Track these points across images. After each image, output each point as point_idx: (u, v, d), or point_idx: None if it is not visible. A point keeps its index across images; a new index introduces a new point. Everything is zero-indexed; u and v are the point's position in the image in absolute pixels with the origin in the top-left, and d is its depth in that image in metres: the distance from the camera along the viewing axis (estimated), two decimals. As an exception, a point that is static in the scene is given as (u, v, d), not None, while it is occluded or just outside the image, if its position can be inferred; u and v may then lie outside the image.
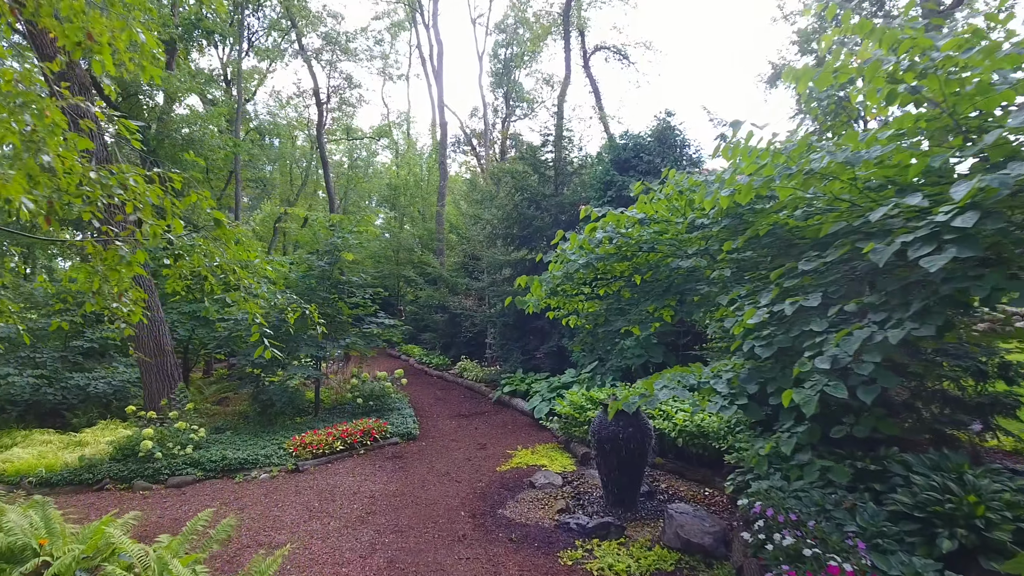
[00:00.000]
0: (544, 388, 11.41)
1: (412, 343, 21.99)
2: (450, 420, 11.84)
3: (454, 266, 19.78)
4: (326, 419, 11.24)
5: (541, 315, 14.11)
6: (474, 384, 14.89)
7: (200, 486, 8.37)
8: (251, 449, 9.35)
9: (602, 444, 7.03)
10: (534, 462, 8.79)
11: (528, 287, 6.40)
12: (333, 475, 8.60)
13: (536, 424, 11.07)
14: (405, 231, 27.18)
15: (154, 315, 11.61)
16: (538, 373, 13.23)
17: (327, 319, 11.85)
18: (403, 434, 10.38)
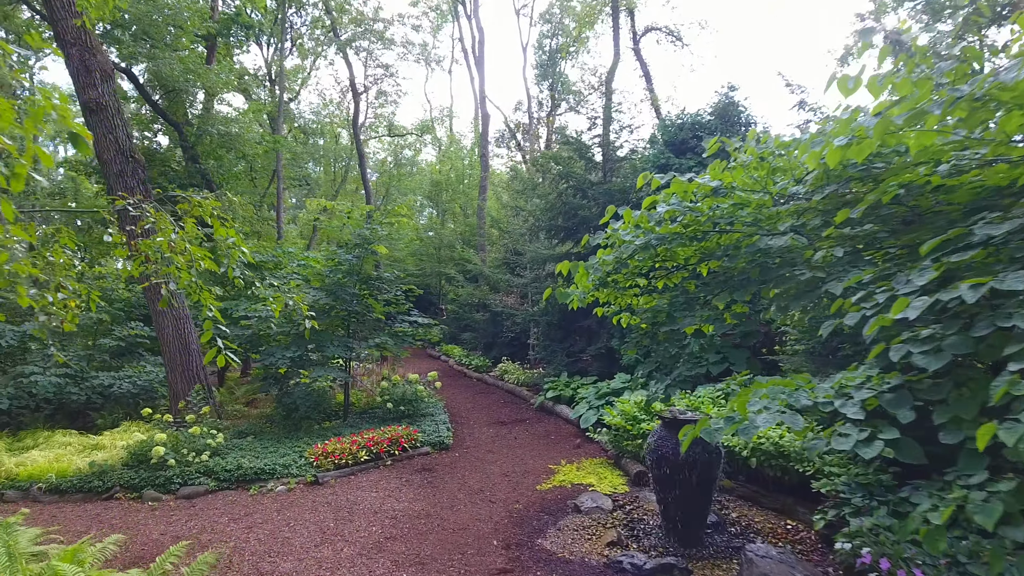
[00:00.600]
0: (591, 394, 10.31)
1: (453, 343, 21.15)
2: (487, 428, 10.86)
3: (495, 262, 18.84)
4: (355, 424, 10.42)
5: (588, 313, 12.99)
6: (515, 388, 13.89)
7: (212, 498, 7.62)
8: (270, 458, 8.57)
9: (661, 464, 5.93)
10: (580, 480, 7.71)
11: (571, 276, 5.33)
12: (354, 489, 7.72)
13: (582, 435, 9.98)
14: (447, 228, 26.41)
15: (179, 312, 11.04)
16: (584, 377, 12.13)
17: (356, 317, 11.05)
18: (435, 443, 9.45)
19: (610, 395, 9.99)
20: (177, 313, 11.02)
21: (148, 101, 17.80)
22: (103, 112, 10.20)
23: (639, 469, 7.60)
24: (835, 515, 5.51)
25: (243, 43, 22.08)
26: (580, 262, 4.90)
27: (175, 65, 16.38)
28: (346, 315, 10.85)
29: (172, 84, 17.14)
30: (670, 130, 12.00)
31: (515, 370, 14.75)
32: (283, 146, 22.09)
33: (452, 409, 12.41)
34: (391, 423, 10.37)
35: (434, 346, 23.02)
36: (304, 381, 10.20)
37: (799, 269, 3.72)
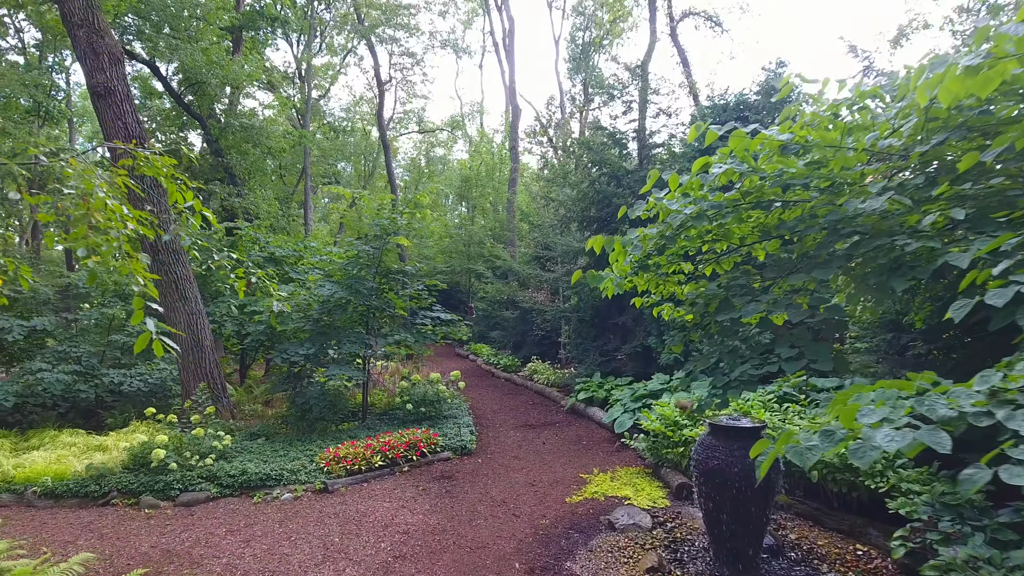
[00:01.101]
0: (627, 396, 9.48)
1: (482, 342, 20.47)
2: (514, 431, 10.10)
3: (525, 258, 18.08)
4: (373, 427, 9.79)
5: (623, 309, 12.15)
6: (545, 388, 13.11)
7: (212, 506, 7.03)
8: (278, 462, 7.97)
9: (708, 477, 5.10)
10: (614, 492, 6.90)
11: (603, 259, 4.55)
12: (366, 498, 7.05)
13: (616, 440, 9.15)
14: (477, 224, 25.77)
15: (192, 307, 10.57)
16: (619, 377, 11.29)
17: (376, 313, 10.42)
18: (456, 448, 8.73)
19: (647, 397, 9.14)
20: (190, 307, 10.55)
21: (171, 93, 17.57)
22: (111, 97, 9.77)
23: (681, 481, 6.75)
24: (919, 542, 4.61)
25: (269, 36, 21.80)
26: (616, 237, 4.11)
27: (197, 56, 16.05)
28: (365, 310, 10.23)
29: (195, 76, 16.83)
30: (711, 112, 11.07)
31: (545, 370, 13.97)
32: (309, 141, 21.74)
33: (477, 411, 11.70)
34: (411, 425, 9.70)
35: (462, 345, 22.39)
36: (320, 380, 9.60)
37: (901, 238, 2.87)
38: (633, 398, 9.27)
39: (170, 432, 8.20)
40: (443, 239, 27.75)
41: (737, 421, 5.39)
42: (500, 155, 29.52)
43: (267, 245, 14.35)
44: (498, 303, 18.86)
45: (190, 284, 10.65)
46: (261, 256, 13.70)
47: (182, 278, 10.53)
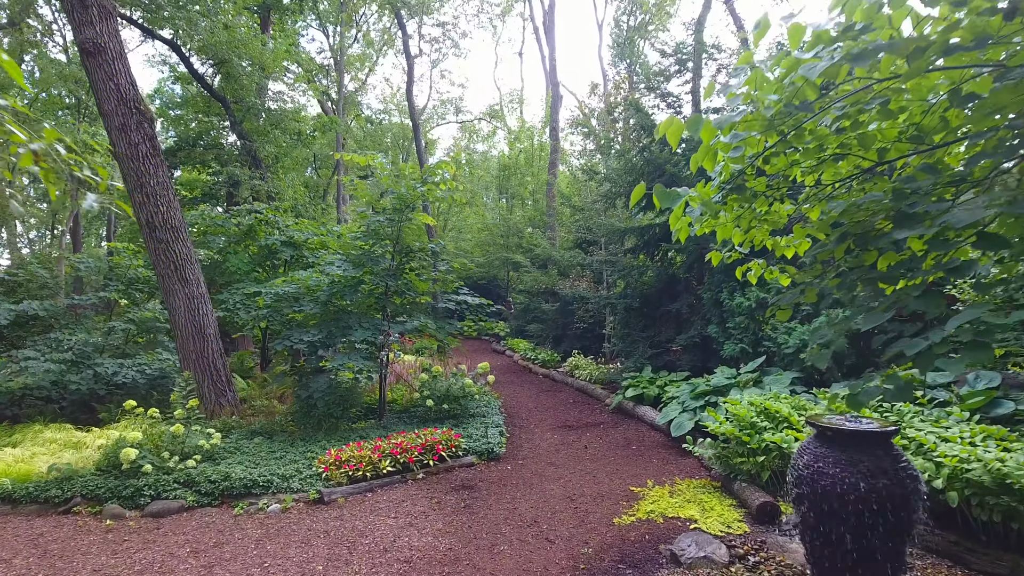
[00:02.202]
0: (684, 394, 7.97)
1: (519, 337, 19.11)
2: (551, 433, 8.69)
3: (566, 244, 16.66)
4: (391, 426, 8.55)
5: (676, 294, 10.61)
6: (587, 385, 11.66)
7: (184, 517, 5.85)
8: (271, 465, 6.78)
9: (818, 499, 3.65)
10: (676, 512, 5.43)
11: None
12: (367, 512, 5.77)
13: (673, 445, 7.67)
14: (515, 214, 24.43)
15: (193, 290, 9.52)
16: (673, 372, 9.76)
17: (396, 294, 9.18)
18: (481, 452, 7.39)
19: (711, 394, 7.61)
20: (191, 290, 9.51)
21: (192, 72, 16.79)
22: (102, 55, 8.78)
23: (763, 500, 5.23)
24: None
25: (298, 16, 20.93)
26: (703, 117, 2.66)
27: (218, 32, 15.18)
28: (381, 293, 8.99)
29: (216, 53, 15.96)
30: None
31: (587, 365, 12.52)
32: (339, 127, 20.79)
33: (510, 409, 10.33)
34: (433, 425, 8.42)
35: (499, 340, 21.10)
36: (327, 367, 8.39)
37: None
38: (693, 395, 7.75)
39: (150, 428, 7.10)
40: (480, 232, 26.55)
41: (857, 422, 3.87)
42: (540, 145, 28.12)
43: (286, 228, 13.30)
44: (536, 294, 17.48)
45: (191, 265, 9.60)
46: (278, 240, 12.65)
47: (182, 258, 9.49)
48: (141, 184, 9.22)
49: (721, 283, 9.15)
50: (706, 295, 9.43)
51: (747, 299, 8.39)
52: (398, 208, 8.75)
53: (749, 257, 4.23)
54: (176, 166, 19.71)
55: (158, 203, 9.36)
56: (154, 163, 9.33)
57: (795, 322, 7.93)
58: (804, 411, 6.09)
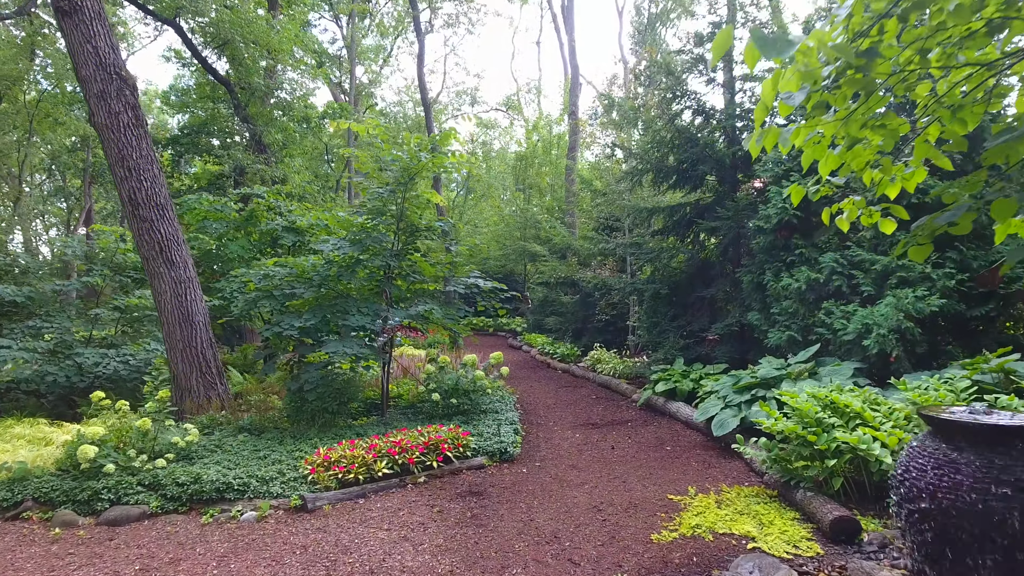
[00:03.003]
0: (725, 387, 6.97)
1: (537, 331, 18.15)
2: (572, 432, 7.73)
3: (587, 230, 15.69)
4: (394, 422, 7.67)
5: (710, 279, 9.61)
6: (610, 380, 10.68)
7: (144, 526, 5.00)
8: (252, 466, 5.91)
9: (946, 521, 2.65)
10: (727, 526, 4.46)
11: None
12: (356, 522, 4.87)
13: (714, 445, 6.68)
14: (532, 204, 23.47)
15: (180, 273, 8.73)
16: (709, 365, 8.76)
17: (398, 279, 8.29)
18: (493, 452, 6.45)
19: (757, 387, 6.60)
20: (178, 274, 8.71)
21: (194, 53, 16.07)
22: (78, 15, 8.02)
23: (838, 514, 4.22)
24: None
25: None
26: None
27: (221, 12, 14.45)
28: (383, 276, 8.10)
29: (220, 34, 15.24)
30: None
31: (610, 359, 11.53)
32: (349, 114, 20.00)
33: (526, 405, 9.39)
34: (440, 421, 7.52)
35: (515, 336, 20.17)
36: (321, 359, 7.51)
37: None
38: (736, 389, 6.75)
39: (119, 424, 6.28)
40: (496, 225, 25.65)
41: (992, 416, 2.88)
42: (558, 135, 27.14)
43: (288, 213, 12.50)
44: (555, 286, 16.52)
45: (178, 246, 8.80)
46: (279, 226, 11.84)
47: (168, 238, 8.69)
48: (123, 157, 8.44)
49: (764, 264, 8.13)
50: (745, 278, 8.41)
51: (796, 280, 7.37)
52: (400, 181, 7.85)
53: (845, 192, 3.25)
54: (181, 155, 19.09)
55: (141, 178, 8.57)
56: (137, 134, 8.54)
57: (852, 304, 6.90)
58: (877, 406, 5.07)
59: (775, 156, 8.27)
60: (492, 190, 29.96)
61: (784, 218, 7.69)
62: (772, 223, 7.82)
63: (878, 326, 6.20)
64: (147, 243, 8.62)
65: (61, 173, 32.00)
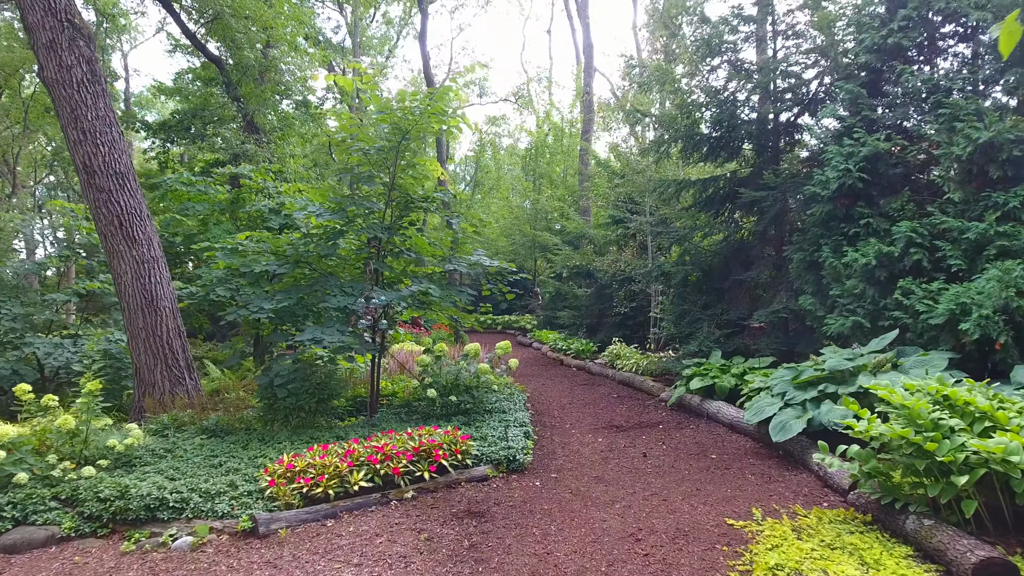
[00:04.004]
0: (782, 383, 5.75)
1: (548, 328, 16.95)
2: (593, 436, 6.53)
3: (604, 218, 14.49)
4: (384, 423, 6.53)
5: (750, 261, 8.41)
6: (633, 377, 9.46)
7: (48, 555, 3.87)
8: (199, 477, 4.76)
9: None
10: (820, 567, 3.24)
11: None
12: (318, 553, 3.71)
13: (770, 453, 5.47)
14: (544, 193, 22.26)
15: (143, 252, 7.65)
16: (752, 359, 7.54)
17: (389, 256, 7.14)
18: (499, 460, 5.26)
19: (825, 382, 5.36)
20: (140, 252, 7.62)
21: (183, 30, 15.03)
22: (21, -52, 6.95)
23: (983, 555, 2.99)
24: None
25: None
26: None
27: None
28: (374, 252, 6.95)
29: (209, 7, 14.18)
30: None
31: (631, 354, 10.32)
32: (349, 97, 18.92)
33: (538, 405, 8.21)
34: (437, 422, 6.36)
35: (525, 333, 18.98)
36: (315, 352, 6.34)
37: None
38: (798, 384, 5.52)
39: (46, 423, 5.15)
40: (506, 217, 24.50)
41: None
42: (570, 121, 25.94)
43: (278, 195, 11.41)
44: (567, 278, 15.33)
45: (141, 221, 7.70)
46: (265, 207, 10.75)
47: (129, 211, 7.60)
48: (76, 118, 7.37)
49: (819, 238, 6.90)
50: (795, 256, 7.18)
51: (863, 255, 6.14)
52: (391, 142, 6.70)
53: None
54: (172, 141, 18.05)
55: (98, 142, 7.49)
56: (93, 92, 7.46)
57: (936, 282, 5.67)
58: (1005, 404, 3.84)
59: (832, 111, 7.06)
60: (501, 182, 28.77)
61: (846, 182, 6.46)
62: (831, 189, 6.59)
63: (979, 306, 4.96)
64: (104, 217, 7.53)
65: (63, 169, 31.22)
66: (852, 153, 6.54)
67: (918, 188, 6.75)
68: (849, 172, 6.45)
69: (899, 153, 6.67)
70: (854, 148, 6.54)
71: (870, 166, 6.50)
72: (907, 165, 6.66)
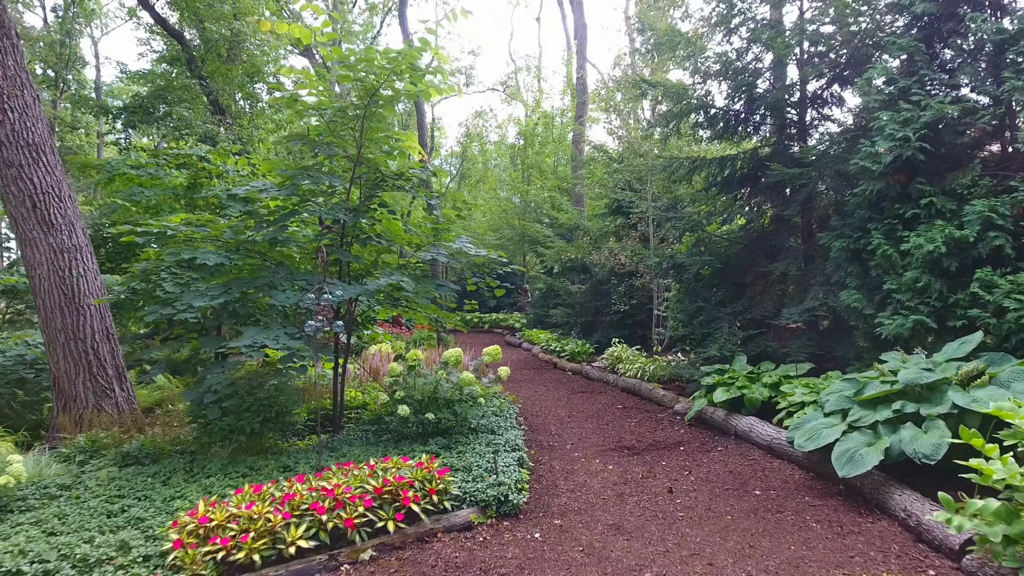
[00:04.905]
0: (837, 397, 4.64)
1: (539, 327, 15.81)
2: (601, 461, 5.39)
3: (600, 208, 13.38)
4: (344, 447, 5.38)
5: (775, 251, 7.35)
6: (639, 384, 8.35)
7: None
8: (84, 531, 3.57)
9: None
10: None
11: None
12: (221, 668, 2.52)
13: (827, 486, 4.35)
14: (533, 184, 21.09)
15: (63, 241, 6.47)
16: (782, 364, 6.45)
17: (356, 241, 5.96)
18: (487, 501, 4.09)
19: (902, 398, 4.24)
20: (59, 239, 6.43)
21: (138, 0, 13.69)
22: None
23: None
24: None
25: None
26: None
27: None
28: (337, 235, 5.77)
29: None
30: None
31: (634, 357, 9.20)
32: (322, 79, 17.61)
33: (533, 418, 7.06)
34: (413, 443, 5.22)
35: (514, 332, 17.85)
36: (237, 351, 5.14)
37: None
38: (863, 401, 4.41)
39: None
40: (493, 210, 23.33)
41: None
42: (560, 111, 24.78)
43: (239, 178, 10.14)
44: (560, 274, 14.20)
45: (60, 202, 6.48)
46: (222, 192, 9.48)
47: (45, 190, 6.39)
48: (-27, 74, 6.13)
49: (867, 222, 5.81)
50: (836, 244, 6.08)
51: (930, 240, 5.05)
52: (356, 109, 5.54)
53: None
54: (133, 125, 16.69)
55: (5, 107, 6.25)
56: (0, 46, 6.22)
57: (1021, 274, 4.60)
58: None
59: (883, 69, 5.96)
60: (488, 175, 27.59)
61: (903, 154, 5.37)
62: (883, 163, 5.50)
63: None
64: (15, 197, 6.31)
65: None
66: (910, 119, 5.44)
67: (987, 162, 5.68)
68: (907, 142, 5.36)
69: (963, 120, 5.58)
70: (913, 113, 5.45)
71: (932, 134, 5.42)
72: (976, 133, 5.57)
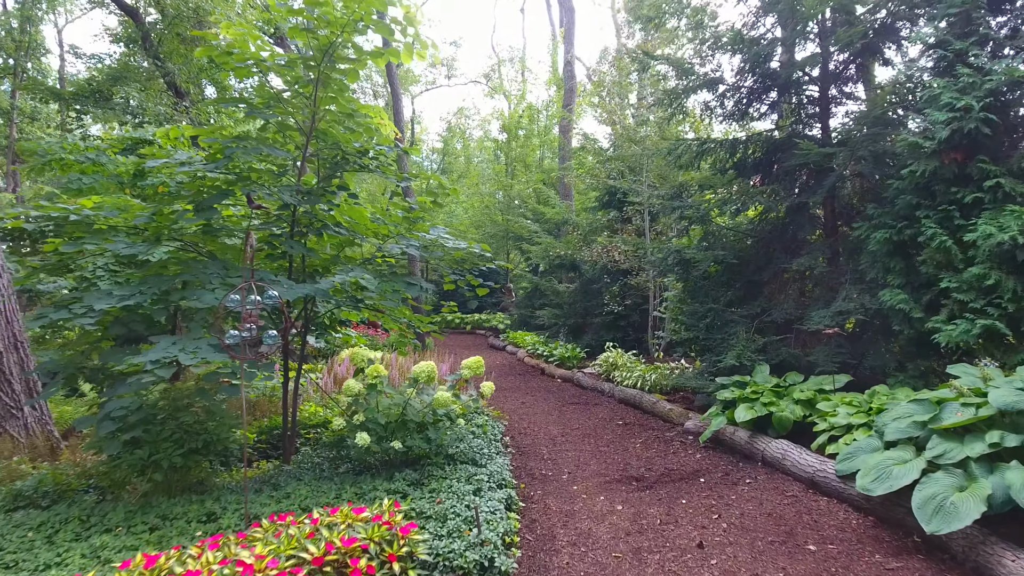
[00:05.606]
0: (906, 423, 3.72)
1: (523, 328, 14.85)
2: (607, 499, 4.43)
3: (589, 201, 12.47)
4: (293, 484, 4.39)
5: (797, 245, 6.47)
6: (639, 395, 7.42)
7: None
8: None
9: None
10: None
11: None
12: None
13: (894, 536, 3.45)
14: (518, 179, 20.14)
15: (-47, 228, 5.32)
16: (811, 376, 5.55)
17: (308, 231, 4.95)
18: (466, 569, 3.09)
19: (997, 428, 3.35)
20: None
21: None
22: None
23: None
24: None
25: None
26: None
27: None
28: (286, 223, 4.78)
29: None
30: None
31: (632, 364, 8.27)
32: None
33: (521, 438, 6.09)
34: (375, 480, 4.24)
35: (497, 334, 16.86)
36: (135, 371, 4.08)
37: None
38: (943, 432, 3.49)
39: None
40: (475, 208, 22.36)
41: None
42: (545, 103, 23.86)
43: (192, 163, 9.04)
44: (547, 272, 13.26)
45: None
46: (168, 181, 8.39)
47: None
48: None
49: (915, 208, 4.93)
50: (875, 236, 5.20)
51: (1002, 228, 4.18)
52: (308, 65, 4.55)
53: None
54: (86, 111, 15.49)
55: None
56: None
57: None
58: None
59: (936, 30, 5.09)
60: (471, 168, 26.60)
61: (964, 127, 4.50)
62: (937, 139, 4.62)
63: None
64: None
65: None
66: (971, 86, 4.57)
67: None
68: (969, 112, 4.48)
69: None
70: (974, 79, 4.57)
71: (999, 104, 4.55)
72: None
